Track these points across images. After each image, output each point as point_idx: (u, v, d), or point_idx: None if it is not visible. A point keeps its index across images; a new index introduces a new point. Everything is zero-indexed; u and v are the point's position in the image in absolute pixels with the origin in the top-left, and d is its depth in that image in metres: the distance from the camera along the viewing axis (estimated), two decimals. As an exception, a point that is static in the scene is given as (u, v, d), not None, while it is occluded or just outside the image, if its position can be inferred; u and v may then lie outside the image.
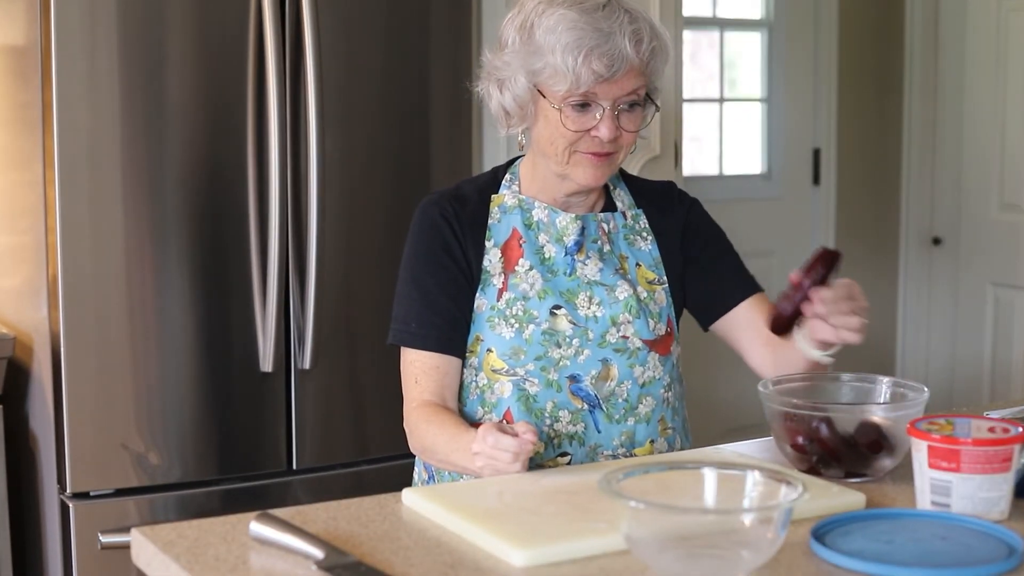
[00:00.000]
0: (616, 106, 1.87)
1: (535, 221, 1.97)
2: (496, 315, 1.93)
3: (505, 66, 1.91)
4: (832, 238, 4.84)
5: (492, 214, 1.98)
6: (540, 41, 1.85)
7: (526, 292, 1.93)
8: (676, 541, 1.29)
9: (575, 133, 1.88)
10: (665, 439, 1.99)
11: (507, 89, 1.92)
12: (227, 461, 2.80)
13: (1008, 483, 1.53)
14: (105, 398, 2.67)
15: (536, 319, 1.92)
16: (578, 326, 1.93)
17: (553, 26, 1.84)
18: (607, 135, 1.87)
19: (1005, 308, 4.61)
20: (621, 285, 1.96)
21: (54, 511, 2.73)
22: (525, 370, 1.91)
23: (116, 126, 2.64)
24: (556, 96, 1.87)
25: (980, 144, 4.66)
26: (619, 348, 1.94)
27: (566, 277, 1.95)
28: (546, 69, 1.85)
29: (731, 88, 4.80)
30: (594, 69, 1.82)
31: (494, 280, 1.95)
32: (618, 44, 1.83)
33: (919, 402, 1.73)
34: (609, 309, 1.94)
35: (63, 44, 2.57)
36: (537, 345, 1.91)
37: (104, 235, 2.64)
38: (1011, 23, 4.52)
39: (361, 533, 1.51)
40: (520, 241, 1.96)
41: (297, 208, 2.79)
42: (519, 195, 1.99)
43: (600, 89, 1.85)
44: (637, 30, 1.85)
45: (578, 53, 1.82)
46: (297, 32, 2.77)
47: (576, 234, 1.97)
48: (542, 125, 1.91)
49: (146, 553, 1.49)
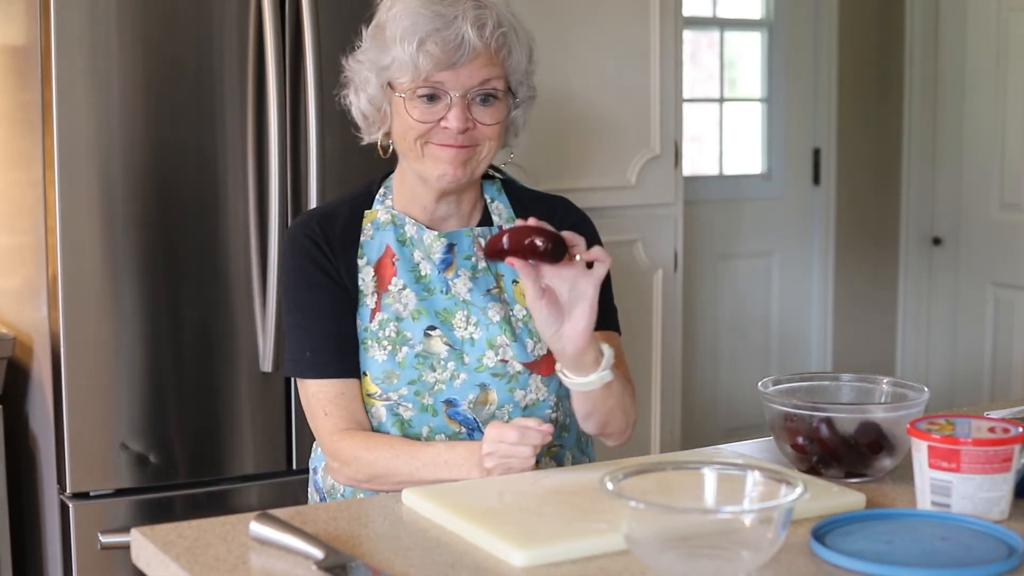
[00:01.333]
0: (467, 97, 1.80)
1: (408, 237, 1.90)
2: (369, 336, 1.85)
3: (359, 68, 1.87)
4: (832, 238, 4.84)
5: (364, 230, 1.90)
6: (387, 35, 1.81)
7: (399, 312, 1.85)
8: (676, 541, 1.28)
9: (424, 124, 1.81)
10: (552, 457, 1.92)
11: (362, 91, 1.87)
12: (227, 461, 2.80)
13: (1008, 483, 1.53)
14: (105, 398, 2.67)
15: (410, 340, 1.84)
16: (454, 348, 1.84)
17: (396, 15, 1.80)
18: (456, 125, 1.79)
19: (1005, 308, 4.60)
20: (493, 306, 1.87)
21: (54, 511, 2.73)
22: (398, 394, 1.84)
23: (116, 126, 2.64)
24: (403, 88, 1.81)
25: (980, 144, 4.66)
26: (497, 372, 1.85)
27: (442, 295, 1.87)
28: (393, 63, 1.80)
29: (731, 88, 4.80)
30: (431, 53, 1.76)
31: (367, 300, 1.87)
32: (459, 28, 1.77)
33: (919, 402, 1.73)
34: (485, 331, 1.85)
35: (63, 44, 2.57)
36: (410, 369, 1.83)
37: (104, 235, 2.64)
38: (1011, 23, 4.52)
39: (361, 533, 1.51)
40: (393, 259, 1.88)
41: (297, 208, 2.79)
42: (392, 210, 1.91)
43: (446, 77, 1.78)
44: (481, 15, 1.79)
45: (413, 38, 1.77)
46: (297, 32, 2.77)
47: (442, 252, 1.89)
48: (397, 123, 1.85)
49: (146, 553, 1.49)
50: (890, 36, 4.89)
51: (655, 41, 3.55)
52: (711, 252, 4.58)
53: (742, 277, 4.68)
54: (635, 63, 3.52)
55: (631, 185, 3.55)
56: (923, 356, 4.94)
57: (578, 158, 3.45)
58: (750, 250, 4.71)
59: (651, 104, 3.56)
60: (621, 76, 3.47)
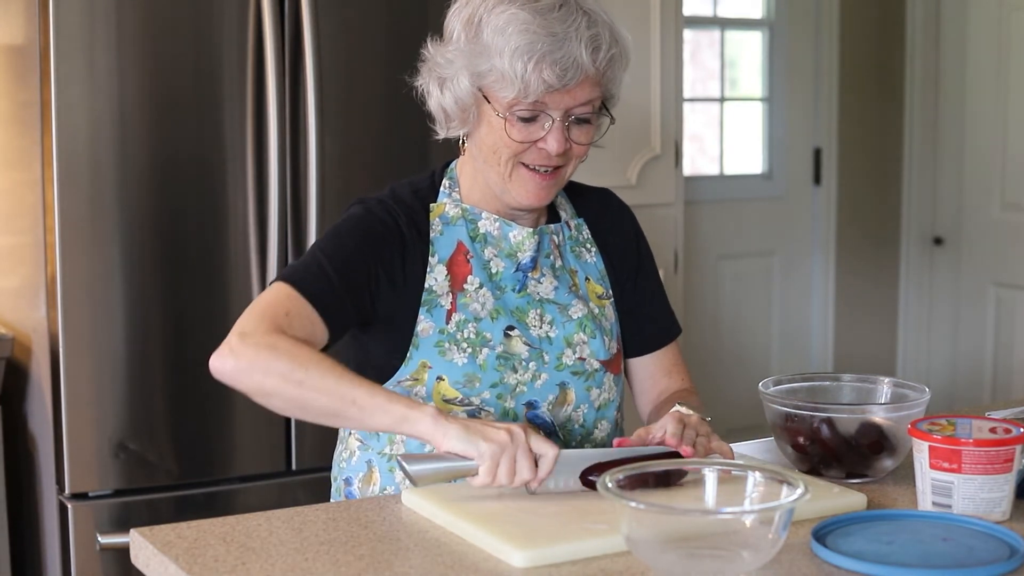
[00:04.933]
0: (567, 117, 1.71)
1: (481, 233, 1.80)
2: (446, 339, 1.75)
3: (448, 63, 1.73)
4: (833, 238, 4.84)
5: (433, 226, 1.79)
6: (488, 41, 1.68)
7: (477, 312, 1.76)
8: (677, 542, 1.28)
9: (520, 144, 1.71)
10: None
11: (448, 89, 1.74)
12: (227, 461, 2.79)
13: (1009, 484, 1.53)
14: (104, 398, 2.66)
15: (490, 342, 1.75)
16: (534, 348, 1.77)
17: (503, 26, 1.66)
18: (555, 148, 1.70)
19: (1007, 308, 4.60)
20: (576, 304, 1.82)
21: (53, 512, 2.73)
22: (481, 399, 1.74)
23: (115, 126, 2.63)
24: (502, 103, 1.70)
25: (982, 143, 4.66)
26: (577, 371, 1.80)
27: (515, 294, 1.79)
28: (492, 72, 1.68)
29: (732, 87, 4.80)
30: (545, 78, 1.66)
31: (441, 300, 1.76)
32: (573, 51, 1.66)
33: (920, 402, 1.72)
34: (562, 329, 1.80)
35: (62, 43, 2.57)
36: (492, 371, 1.75)
37: (103, 235, 2.64)
38: (1012, 22, 4.52)
39: (361, 534, 1.51)
40: (467, 256, 1.78)
41: (296, 208, 2.79)
42: (461, 204, 1.81)
43: (551, 99, 1.68)
44: (595, 36, 1.69)
45: (528, 59, 1.65)
46: (297, 32, 2.76)
47: (532, 250, 1.81)
48: (485, 131, 1.74)
49: (145, 554, 1.49)
50: (891, 35, 4.89)
51: (655, 41, 3.55)
52: (711, 252, 4.58)
53: (742, 277, 4.67)
54: (635, 63, 3.50)
55: (631, 185, 3.54)
56: (924, 356, 4.94)
57: (578, 158, 3.44)
58: (750, 250, 4.70)
59: (651, 104, 3.56)
60: (621, 76, 3.47)
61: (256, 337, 1.61)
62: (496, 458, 1.52)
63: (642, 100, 3.52)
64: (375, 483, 1.81)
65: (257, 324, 1.63)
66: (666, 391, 1.91)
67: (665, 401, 1.88)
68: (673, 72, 3.58)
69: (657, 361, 1.94)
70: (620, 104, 1.84)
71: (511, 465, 1.53)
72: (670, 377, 1.93)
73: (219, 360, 1.64)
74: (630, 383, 1.96)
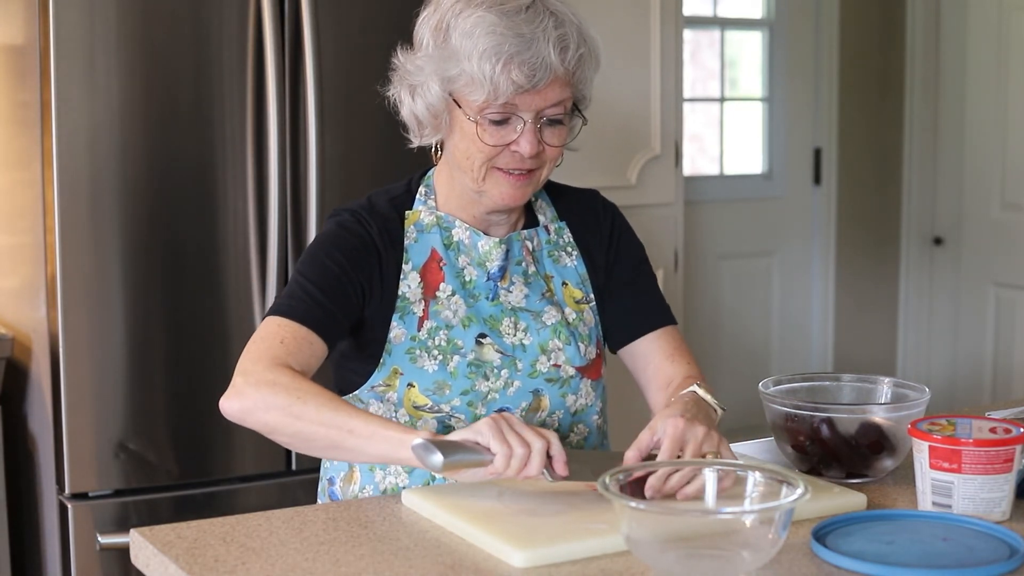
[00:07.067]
0: (539, 119, 1.71)
1: (455, 241, 1.81)
2: (418, 346, 1.76)
3: (418, 71, 1.73)
4: (833, 238, 4.84)
5: (407, 233, 1.80)
6: (456, 45, 1.68)
7: (449, 320, 1.77)
8: (677, 542, 1.28)
9: (493, 148, 1.71)
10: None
11: (419, 96, 1.74)
12: (226, 461, 2.79)
13: (1009, 484, 1.53)
14: (104, 398, 2.66)
15: (461, 349, 1.76)
16: (506, 355, 1.77)
17: (470, 30, 1.67)
18: (528, 150, 1.70)
19: (1006, 308, 4.60)
20: (548, 310, 1.82)
21: (53, 512, 2.73)
22: (451, 406, 1.75)
23: (115, 126, 2.63)
24: (472, 107, 1.70)
25: (981, 143, 4.66)
26: (551, 378, 1.80)
27: (488, 302, 1.80)
28: (462, 77, 1.68)
29: (732, 87, 4.80)
30: (514, 79, 1.66)
31: (414, 308, 1.77)
32: (541, 51, 1.66)
33: (920, 402, 1.72)
34: (537, 336, 1.80)
35: (62, 43, 2.57)
36: (463, 378, 1.75)
37: (103, 235, 2.64)
38: (1012, 22, 4.52)
39: (361, 534, 1.51)
40: (440, 263, 1.79)
41: (296, 208, 2.79)
42: (436, 211, 1.82)
43: (521, 100, 1.68)
44: (563, 35, 1.69)
45: (496, 61, 1.65)
46: (297, 32, 2.76)
47: (500, 259, 1.81)
48: (458, 137, 1.74)
49: (145, 554, 1.49)
50: (891, 35, 4.89)
51: (655, 40, 3.55)
52: (711, 252, 4.58)
53: (742, 277, 4.68)
54: (635, 63, 3.52)
55: (631, 185, 3.54)
56: (924, 356, 4.94)
57: (578, 157, 3.44)
58: (750, 250, 4.70)
59: (651, 104, 3.55)
60: (621, 76, 3.47)
61: (256, 375, 1.66)
62: (499, 429, 1.52)
63: (642, 100, 3.52)
64: (355, 482, 1.84)
65: (256, 361, 1.68)
66: (674, 378, 1.86)
67: (676, 388, 1.82)
68: (673, 72, 3.58)
69: (654, 347, 1.89)
70: (620, 104, 1.84)
71: (519, 437, 1.52)
72: (673, 363, 1.88)
73: (227, 403, 1.69)
74: (635, 377, 1.94)
